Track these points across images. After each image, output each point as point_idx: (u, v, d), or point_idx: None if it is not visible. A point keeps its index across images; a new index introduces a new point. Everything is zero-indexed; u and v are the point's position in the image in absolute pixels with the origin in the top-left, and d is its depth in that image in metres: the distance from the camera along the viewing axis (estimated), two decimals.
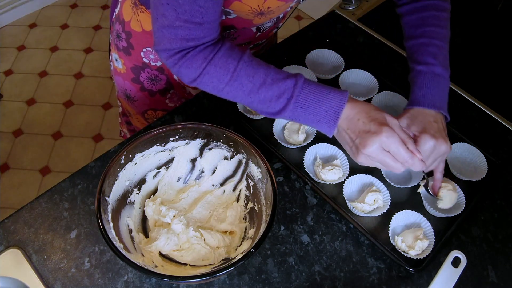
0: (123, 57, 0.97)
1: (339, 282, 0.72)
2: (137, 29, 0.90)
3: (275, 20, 0.88)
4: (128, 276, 0.72)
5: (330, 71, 0.99)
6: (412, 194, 0.81)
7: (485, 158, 0.84)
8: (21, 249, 0.73)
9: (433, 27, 0.80)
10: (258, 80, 0.68)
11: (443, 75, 0.77)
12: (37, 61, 2.36)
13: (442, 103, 0.76)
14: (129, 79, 1.00)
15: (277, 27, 0.93)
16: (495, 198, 0.83)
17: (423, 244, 0.72)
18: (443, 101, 0.77)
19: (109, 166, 0.67)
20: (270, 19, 0.80)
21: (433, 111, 0.75)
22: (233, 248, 0.73)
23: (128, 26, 0.92)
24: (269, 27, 0.89)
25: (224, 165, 0.78)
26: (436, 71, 0.77)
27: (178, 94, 1.04)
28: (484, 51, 1.16)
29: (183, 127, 0.74)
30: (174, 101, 1.05)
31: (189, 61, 0.69)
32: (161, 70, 0.96)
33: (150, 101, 1.04)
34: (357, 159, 0.67)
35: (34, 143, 2.04)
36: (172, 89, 1.02)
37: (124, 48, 0.95)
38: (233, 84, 0.69)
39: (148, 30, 0.89)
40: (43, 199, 0.79)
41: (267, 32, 0.91)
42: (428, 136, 0.71)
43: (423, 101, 0.75)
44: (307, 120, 0.68)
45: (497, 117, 0.95)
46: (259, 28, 0.86)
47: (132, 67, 0.97)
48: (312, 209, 0.80)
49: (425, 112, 0.75)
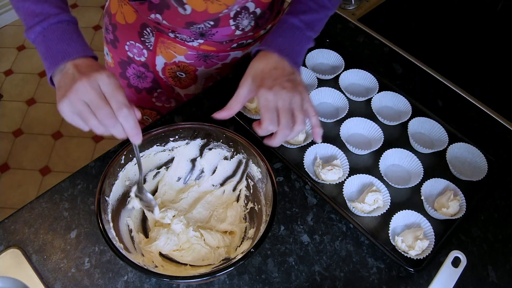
0: (111, 50, 0.98)
1: (339, 282, 0.72)
2: (121, 21, 0.91)
3: (252, 17, 0.85)
4: (128, 276, 0.72)
5: (330, 71, 0.99)
6: (412, 194, 0.81)
7: (485, 158, 0.84)
8: (21, 249, 0.73)
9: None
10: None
11: (302, 30, 0.73)
12: (37, 61, 2.36)
13: (290, 52, 0.71)
14: (118, 73, 1.01)
15: (259, 26, 0.90)
16: (495, 198, 0.83)
17: (423, 244, 0.72)
18: (292, 52, 0.72)
19: (109, 166, 0.67)
20: (228, 7, 0.77)
21: (276, 56, 0.70)
22: (233, 248, 0.73)
23: (114, 18, 0.93)
24: (247, 26, 0.87)
25: (224, 165, 0.79)
26: (295, 23, 0.73)
27: (166, 94, 1.04)
28: (484, 51, 1.16)
29: (183, 127, 0.74)
30: (162, 100, 1.05)
31: None
32: (146, 67, 0.96)
33: (138, 98, 1.04)
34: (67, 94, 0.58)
35: (34, 143, 2.04)
36: (159, 88, 1.02)
37: (111, 41, 0.96)
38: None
39: (130, 23, 0.90)
40: (43, 199, 0.79)
41: (248, 31, 0.89)
42: (263, 90, 0.66)
43: (270, 43, 0.71)
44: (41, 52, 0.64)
45: (497, 117, 0.95)
46: (237, 26, 0.85)
47: (119, 61, 0.98)
48: (312, 209, 0.80)
49: (268, 57, 0.70)
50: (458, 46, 1.15)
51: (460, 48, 1.15)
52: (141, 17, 0.89)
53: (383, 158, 0.83)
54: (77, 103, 0.58)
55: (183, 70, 0.96)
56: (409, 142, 0.87)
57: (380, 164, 0.83)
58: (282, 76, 0.68)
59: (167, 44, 0.91)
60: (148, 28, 0.89)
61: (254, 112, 0.90)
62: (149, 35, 0.90)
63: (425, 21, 1.23)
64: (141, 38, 0.92)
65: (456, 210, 0.77)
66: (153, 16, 0.82)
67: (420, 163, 0.82)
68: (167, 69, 0.96)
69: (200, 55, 0.92)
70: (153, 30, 0.89)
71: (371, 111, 0.91)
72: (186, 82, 1.00)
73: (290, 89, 0.66)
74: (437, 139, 0.88)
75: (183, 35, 0.87)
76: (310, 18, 0.75)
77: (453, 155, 0.86)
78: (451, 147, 0.86)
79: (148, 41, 0.92)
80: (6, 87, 2.24)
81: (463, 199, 0.78)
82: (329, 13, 0.79)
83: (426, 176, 0.81)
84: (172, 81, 0.99)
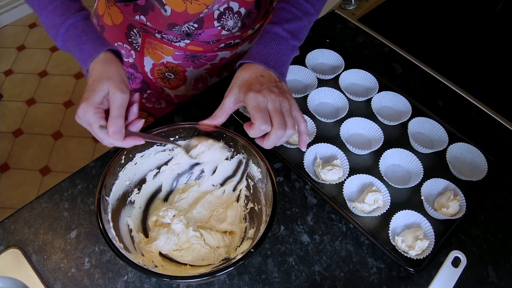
0: None
1: (339, 282, 0.72)
2: (108, 22, 0.91)
3: (237, 17, 0.84)
4: (128, 276, 0.72)
5: (330, 71, 0.99)
6: (412, 194, 0.81)
7: (485, 158, 0.84)
8: (21, 249, 0.73)
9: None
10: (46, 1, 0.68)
11: (287, 40, 0.73)
12: (37, 61, 2.36)
13: (276, 64, 0.71)
14: None
15: (246, 26, 0.89)
16: (495, 198, 0.83)
17: (423, 244, 0.72)
18: (278, 63, 0.72)
19: (109, 166, 0.67)
20: (208, 7, 0.77)
21: (262, 68, 0.70)
22: (233, 248, 0.73)
23: (101, 20, 0.93)
24: (234, 26, 0.86)
25: (224, 165, 0.79)
26: (279, 33, 0.72)
27: (156, 95, 1.03)
28: (484, 51, 1.16)
29: (183, 127, 0.74)
30: (152, 102, 1.05)
31: None
32: (135, 68, 0.96)
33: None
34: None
35: (34, 143, 2.04)
36: (148, 89, 1.02)
37: None
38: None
39: (118, 24, 0.90)
40: (43, 199, 0.79)
41: (236, 32, 0.88)
42: (251, 93, 0.65)
43: (255, 56, 0.71)
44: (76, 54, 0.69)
45: (497, 117, 0.95)
46: (223, 26, 0.85)
47: None
48: (312, 209, 0.80)
49: (253, 68, 0.70)
50: (458, 46, 1.15)
51: (460, 48, 1.15)
52: (127, 18, 0.89)
53: (383, 158, 0.83)
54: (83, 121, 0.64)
55: (172, 71, 0.96)
56: (409, 142, 0.87)
57: (380, 164, 0.83)
58: (269, 82, 0.68)
59: (154, 45, 0.90)
60: (135, 29, 0.89)
61: None
62: (136, 35, 0.90)
63: (425, 21, 1.23)
64: (128, 39, 0.92)
65: (456, 210, 0.77)
66: (138, 18, 0.82)
67: (420, 163, 0.82)
68: (155, 70, 0.96)
69: (187, 56, 0.92)
70: (139, 31, 0.89)
71: (371, 111, 0.91)
72: (175, 83, 0.99)
73: (278, 94, 0.67)
74: (437, 139, 0.88)
75: (170, 36, 0.87)
76: (294, 26, 0.74)
77: (453, 155, 0.86)
78: (451, 147, 0.86)
79: (136, 42, 0.92)
80: (6, 87, 2.24)
81: (463, 199, 0.78)
82: (313, 19, 0.78)
83: (426, 176, 0.81)
84: (161, 82, 0.99)
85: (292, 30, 0.74)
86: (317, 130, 0.88)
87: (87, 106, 0.62)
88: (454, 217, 0.76)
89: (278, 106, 0.66)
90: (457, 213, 0.77)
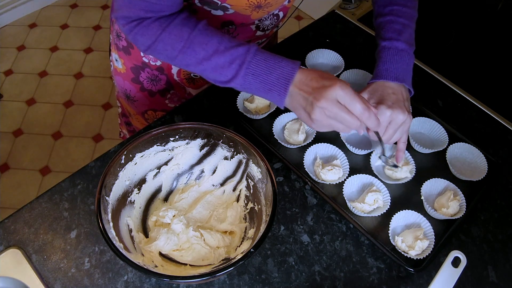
0: (123, 56, 0.97)
1: (339, 282, 0.72)
2: None
3: (275, 19, 0.88)
4: (128, 276, 0.72)
5: (330, 71, 0.99)
6: (412, 194, 0.81)
7: (485, 158, 0.84)
8: (21, 249, 0.73)
9: (400, 6, 0.82)
10: (211, 47, 0.68)
11: (407, 51, 0.79)
12: (37, 61, 2.36)
13: (405, 76, 0.78)
14: (129, 79, 1.00)
15: (277, 26, 0.93)
16: (495, 198, 0.83)
17: (423, 244, 0.72)
18: (406, 75, 0.78)
19: (109, 166, 0.67)
20: (268, 13, 0.80)
21: (394, 84, 0.76)
22: (233, 248, 0.73)
23: None
24: (268, 25, 0.89)
25: (224, 165, 0.79)
26: (399, 47, 0.79)
27: (178, 95, 1.04)
28: (484, 51, 1.16)
29: (183, 127, 0.74)
30: (174, 101, 1.05)
31: (144, 28, 0.70)
32: (160, 70, 0.96)
33: (150, 102, 1.04)
34: (312, 116, 0.65)
35: (34, 143, 2.04)
36: (172, 90, 1.02)
37: (124, 48, 0.95)
38: (186, 51, 0.69)
39: None
40: (43, 199, 0.79)
41: (269, 32, 0.91)
42: (384, 107, 0.72)
43: (386, 74, 0.77)
44: (258, 90, 0.68)
45: (497, 117, 0.95)
46: (258, 26, 0.86)
47: (132, 67, 0.97)
48: (312, 209, 0.80)
49: (386, 85, 0.76)
50: (458, 46, 1.15)
51: (460, 48, 1.15)
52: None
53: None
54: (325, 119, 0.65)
55: None
56: (409, 142, 0.87)
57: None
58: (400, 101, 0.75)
59: None
60: None
61: (254, 112, 0.90)
62: None
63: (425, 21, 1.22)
64: None
65: (456, 210, 0.77)
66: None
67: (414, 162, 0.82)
68: (182, 71, 0.96)
69: None
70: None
71: None
72: (200, 82, 1.01)
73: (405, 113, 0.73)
74: (437, 139, 0.88)
75: None
76: (407, 36, 0.80)
77: (453, 155, 0.86)
78: (451, 147, 0.86)
79: None
80: (6, 87, 2.24)
81: (463, 199, 0.78)
82: (416, 19, 0.84)
83: (426, 176, 0.81)
84: (186, 82, 1.00)
85: (407, 39, 0.80)
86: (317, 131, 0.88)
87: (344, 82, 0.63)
88: (454, 217, 0.76)
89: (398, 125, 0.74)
90: (457, 213, 0.77)
